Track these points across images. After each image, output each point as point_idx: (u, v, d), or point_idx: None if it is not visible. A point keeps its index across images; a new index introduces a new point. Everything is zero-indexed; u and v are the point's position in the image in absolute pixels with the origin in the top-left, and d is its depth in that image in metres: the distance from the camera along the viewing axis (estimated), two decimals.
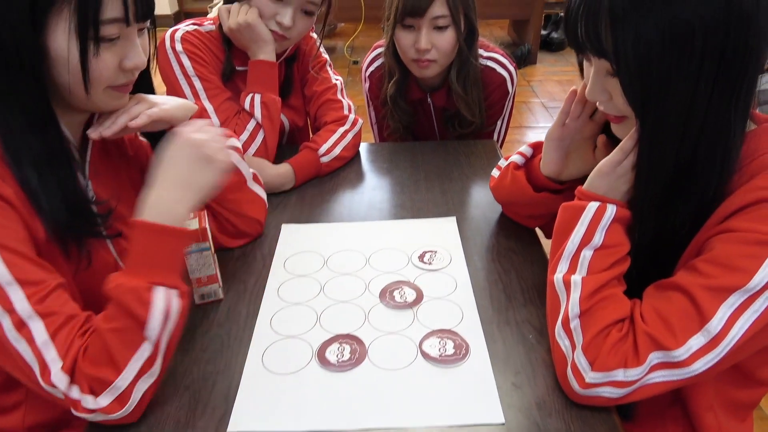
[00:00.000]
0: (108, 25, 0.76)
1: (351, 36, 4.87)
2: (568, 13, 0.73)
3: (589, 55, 0.74)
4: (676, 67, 0.67)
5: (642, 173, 0.75)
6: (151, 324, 0.73)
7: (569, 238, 0.80)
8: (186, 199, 0.81)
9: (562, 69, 4.37)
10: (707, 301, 0.68)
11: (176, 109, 0.95)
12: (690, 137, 0.70)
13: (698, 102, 0.68)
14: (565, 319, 0.76)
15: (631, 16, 0.66)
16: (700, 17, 0.64)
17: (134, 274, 0.75)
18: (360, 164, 1.47)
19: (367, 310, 0.96)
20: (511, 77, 1.55)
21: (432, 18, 1.39)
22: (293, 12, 1.28)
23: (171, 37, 1.30)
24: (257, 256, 1.11)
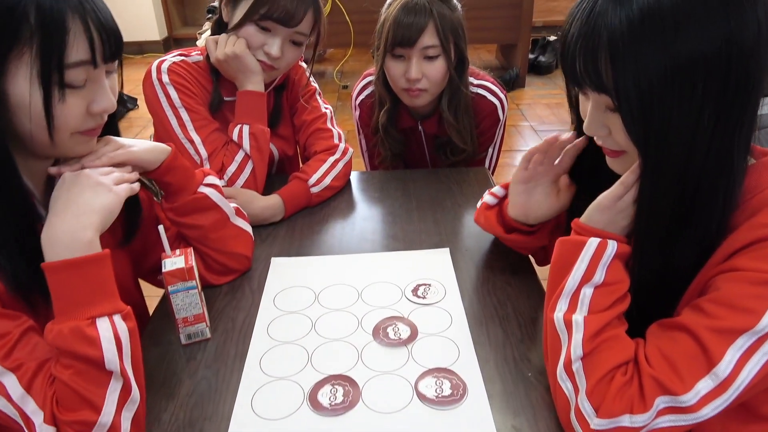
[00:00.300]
0: (74, 69, 0.72)
1: (340, 61, 4.90)
2: (564, 47, 0.72)
3: (588, 90, 0.72)
4: (678, 102, 0.65)
5: (643, 209, 0.73)
6: (107, 358, 0.71)
7: (569, 275, 0.77)
8: (86, 224, 0.75)
9: (551, 92, 4.40)
10: (714, 343, 0.66)
11: (145, 153, 0.91)
12: (693, 172, 0.68)
13: (701, 136, 0.66)
14: (567, 361, 0.74)
15: (631, 52, 0.65)
16: (702, 52, 0.63)
17: (67, 317, 0.71)
18: (351, 194, 1.45)
19: (360, 348, 0.92)
20: (501, 104, 1.54)
21: (422, 48, 1.38)
22: (281, 42, 1.27)
23: (157, 68, 1.28)
24: (246, 291, 1.08)
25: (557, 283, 0.79)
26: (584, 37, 0.68)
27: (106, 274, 0.75)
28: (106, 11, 0.75)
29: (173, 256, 0.90)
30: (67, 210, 0.75)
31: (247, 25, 1.25)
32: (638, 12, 0.64)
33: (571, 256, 0.78)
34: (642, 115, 0.67)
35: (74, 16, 0.71)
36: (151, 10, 5.37)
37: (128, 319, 0.75)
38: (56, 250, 0.72)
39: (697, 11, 0.63)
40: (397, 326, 0.97)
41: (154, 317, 1.02)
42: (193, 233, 1.04)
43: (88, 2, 0.72)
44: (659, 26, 0.64)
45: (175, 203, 1.01)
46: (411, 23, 1.36)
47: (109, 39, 0.75)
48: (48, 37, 0.69)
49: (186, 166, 1.00)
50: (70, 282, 0.72)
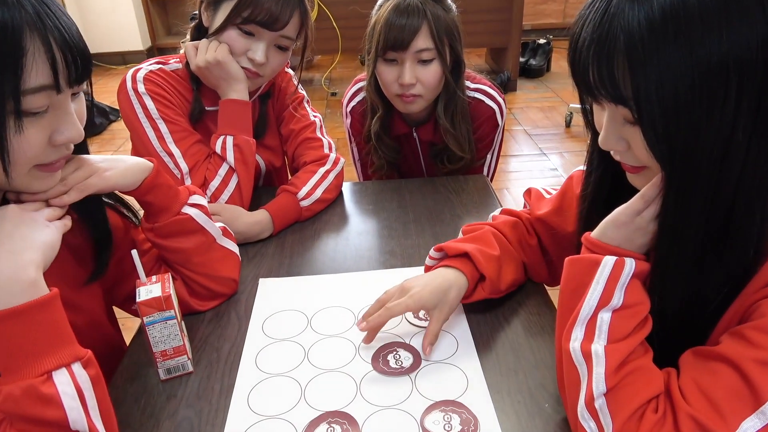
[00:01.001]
0: (32, 96, 0.62)
1: (328, 68, 4.82)
2: (574, 54, 0.63)
3: (603, 101, 0.64)
4: (707, 113, 0.57)
5: (667, 230, 0.65)
6: (72, 417, 0.61)
7: (584, 299, 0.69)
8: (27, 262, 0.64)
9: (542, 95, 4.35)
10: (761, 377, 0.58)
11: (122, 177, 0.82)
12: (725, 191, 0.60)
13: (734, 151, 0.58)
14: (589, 397, 0.65)
15: (652, 58, 0.57)
16: (735, 54, 0.55)
17: (17, 375, 0.61)
18: (343, 206, 1.37)
19: (359, 379, 0.84)
20: (500, 109, 1.46)
21: (416, 51, 1.30)
22: (266, 47, 1.18)
23: (132, 78, 1.18)
24: (232, 317, 0.99)
25: (570, 307, 0.71)
26: (598, 41, 0.60)
27: (58, 317, 0.64)
28: (70, 26, 0.65)
29: (149, 284, 0.82)
30: (1, 248, 0.64)
31: (229, 30, 1.16)
32: (660, 11, 0.56)
33: (584, 277, 0.70)
34: (666, 128, 0.59)
35: (32, 34, 0.61)
36: (134, 19, 5.27)
37: (89, 365, 0.65)
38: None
39: (728, 9, 0.55)
40: (399, 353, 0.89)
41: (131, 350, 0.93)
42: (176, 257, 0.95)
43: (49, 17, 0.62)
44: (684, 27, 0.56)
45: (156, 224, 0.92)
46: (404, 25, 1.28)
47: (75, 60, 0.65)
48: (1, 59, 0.59)
49: (169, 184, 0.91)
50: (17, 333, 0.61)
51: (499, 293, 0.97)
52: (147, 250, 0.97)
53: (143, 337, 0.91)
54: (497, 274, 0.95)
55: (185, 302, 0.97)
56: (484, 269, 0.93)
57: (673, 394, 0.63)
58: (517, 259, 1.00)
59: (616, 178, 0.74)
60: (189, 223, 0.94)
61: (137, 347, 0.93)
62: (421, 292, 0.89)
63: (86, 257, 0.84)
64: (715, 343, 0.65)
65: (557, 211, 0.98)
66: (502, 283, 0.96)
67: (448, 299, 0.90)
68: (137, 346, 0.93)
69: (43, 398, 0.60)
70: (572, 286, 0.72)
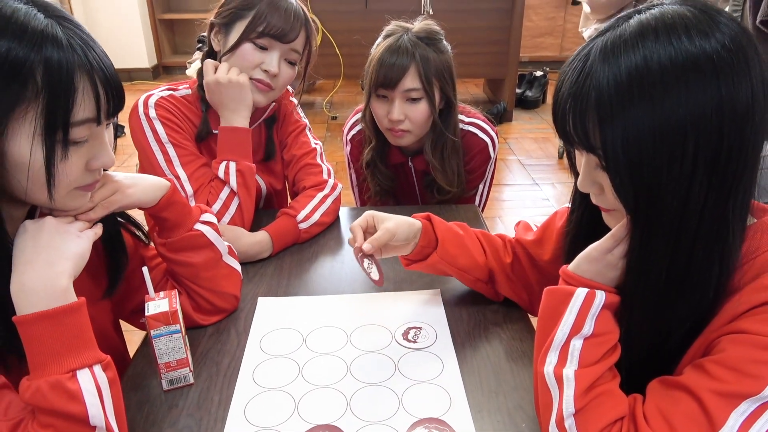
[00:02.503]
0: (78, 127, 0.70)
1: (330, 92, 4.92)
2: (556, 105, 0.71)
3: (578, 148, 0.71)
4: (667, 167, 0.63)
5: (633, 268, 0.72)
6: (91, 413, 0.67)
7: (557, 327, 0.75)
8: (60, 271, 0.71)
9: (538, 126, 4.45)
10: (717, 407, 0.63)
11: (143, 194, 0.89)
12: (686, 238, 0.66)
13: (693, 201, 0.64)
14: (559, 417, 0.71)
15: (619, 115, 0.63)
16: (692, 116, 0.62)
17: (45, 371, 0.67)
18: (340, 230, 1.43)
19: (349, 396, 0.89)
20: (492, 142, 1.54)
21: (404, 90, 1.38)
22: (279, 59, 1.27)
23: (144, 103, 1.26)
24: (231, 333, 1.05)
25: (546, 334, 0.77)
26: (574, 96, 0.67)
27: (84, 322, 0.72)
28: (110, 66, 0.73)
29: (157, 299, 0.87)
30: (38, 258, 0.71)
31: (244, 45, 1.25)
32: (626, 73, 0.63)
33: (559, 306, 0.76)
34: (630, 177, 0.66)
35: (82, 74, 0.69)
36: (141, 37, 5.38)
37: (108, 368, 0.72)
38: (30, 300, 0.68)
39: (686, 75, 0.62)
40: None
41: (135, 361, 0.98)
42: (185, 271, 1.01)
43: (95, 59, 0.70)
44: (647, 88, 0.62)
45: (169, 239, 0.99)
46: (393, 64, 1.36)
47: (114, 96, 0.73)
48: (55, 95, 0.67)
49: (184, 202, 0.99)
50: (47, 334, 0.68)
51: (455, 271, 1.07)
52: (154, 267, 1.03)
53: (148, 349, 0.96)
54: (453, 246, 1.05)
55: (189, 316, 1.02)
56: (438, 231, 1.05)
57: (637, 418, 0.69)
58: (479, 254, 1.08)
59: (594, 217, 0.81)
60: (200, 239, 1.00)
61: (141, 359, 0.98)
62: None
63: (100, 274, 0.90)
64: (679, 374, 0.70)
65: (538, 241, 1.06)
66: (457, 259, 1.05)
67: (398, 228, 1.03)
68: (141, 357, 0.99)
69: (68, 393, 0.66)
70: (548, 314, 0.78)
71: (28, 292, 0.69)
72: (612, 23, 0.69)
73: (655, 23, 0.64)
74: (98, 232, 0.81)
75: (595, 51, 0.66)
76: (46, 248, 0.72)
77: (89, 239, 0.78)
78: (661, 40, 0.63)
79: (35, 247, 0.72)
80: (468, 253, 1.07)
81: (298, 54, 1.30)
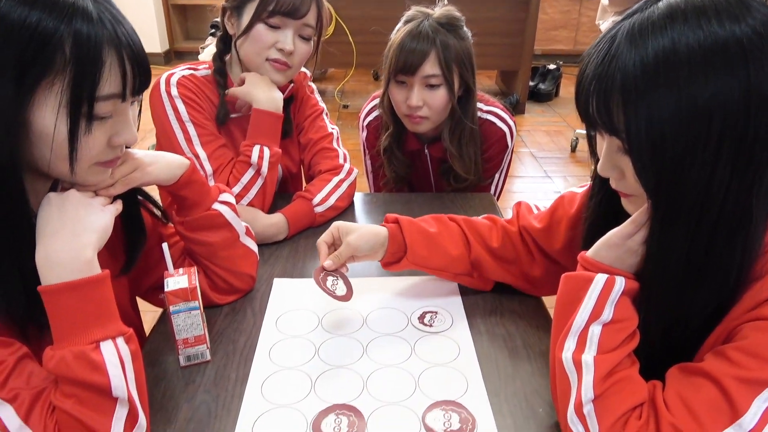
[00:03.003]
0: (103, 102, 0.69)
1: (342, 80, 4.91)
2: (579, 87, 0.70)
3: (600, 131, 0.70)
4: (691, 151, 0.62)
5: (653, 254, 0.71)
6: (114, 384, 0.67)
7: (576, 313, 0.75)
8: (86, 243, 0.71)
9: (550, 119, 4.43)
10: (740, 393, 0.63)
11: (162, 172, 0.89)
12: (706, 224, 0.65)
13: (715, 188, 0.63)
14: (578, 403, 0.71)
15: (644, 97, 0.63)
16: (718, 100, 0.61)
17: (69, 342, 0.68)
18: (354, 215, 1.43)
19: (366, 376, 0.89)
20: (510, 131, 1.53)
21: (423, 76, 1.37)
22: (293, 36, 1.26)
23: (166, 81, 1.26)
24: (248, 313, 1.05)
25: (564, 320, 0.77)
26: (599, 78, 0.66)
27: (108, 295, 0.72)
28: (138, 43, 0.73)
29: (176, 275, 0.87)
30: (63, 229, 0.71)
31: (257, 25, 1.24)
32: (653, 56, 0.62)
33: (578, 292, 0.76)
34: (653, 161, 0.65)
35: (110, 49, 0.68)
36: (153, 22, 5.39)
37: (131, 341, 0.72)
38: (56, 271, 0.68)
39: (714, 59, 0.61)
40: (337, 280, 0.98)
41: (152, 337, 0.99)
42: (202, 250, 1.02)
43: (124, 34, 0.70)
44: (673, 72, 0.61)
45: (188, 217, 0.99)
46: (414, 50, 1.35)
47: (141, 72, 0.73)
48: (82, 68, 0.66)
49: (202, 181, 0.98)
50: (72, 305, 0.68)
51: (430, 271, 1.07)
52: (172, 244, 1.03)
53: (165, 327, 0.97)
54: (423, 248, 1.04)
55: (205, 295, 1.03)
56: (407, 235, 1.04)
57: (657, 404, 0.68)
58: (457, 248, 1.06)
59: (614, 203, 0.80)
60: (218, 218, 1.00)
61: (157, 336, 0.99)
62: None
63: (118, 251, 0.90)
64: (700, 361, 0.70)
65: (546, 230, 1.04)
66: (429, 260, 1.05)
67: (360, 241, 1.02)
68: (157, 334, 0.99)
69: (92, 364, 0.66)
70: (567, 300, 0.77)
71: (54, 262, 0.69)
72: (640, 5, 0.68)
73: (684, 6, 0.63)
74: (119, 208, 0.81)
75: (622, 33, 0.65)
76: (71, 220, 0.72)
77: (112, 214, 0.78)
78: (690, 23, 0.62)
79: (61, 218, 0.72)
80: (442, 251, 1.05)
81: (311, 28, 1.28)
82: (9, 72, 0.64)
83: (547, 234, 1.04)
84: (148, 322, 1.06)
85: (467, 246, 1.07)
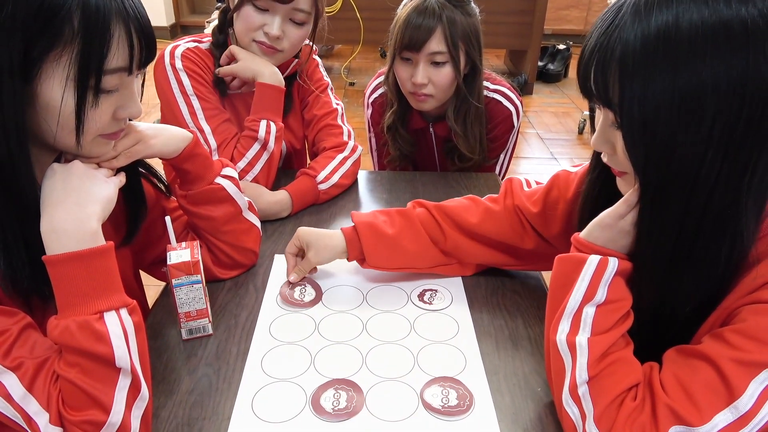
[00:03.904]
0: (111, 75, 0.69)
1: (348, 58, 4.87)
2: (581, 58, 0.69)
3: (596, 103, 0.70)
4: (684, 130, 0.62)
5: (643, 233, 0.71)
6: (117, 354, 0.68)
7: (570, 294, 0.75)
8: (90, 213, 0.71)
9: (558, 100, 4.39)
10: (737, 375, 0.63)
11: (164, 145, 0.89)
12: (695, 210, 0.65)
13: (705, 171, 0.63)
14: (573, 385, 0.71)
15: (641, 71, 0.62)
16: (715, 81, 0.60)
17: (73, 311, 0.68)
18: (358, 193, 1.43)
19: (365, 352, 0.90)
20: (517, 111, 1.52)
21: (429, 53, 1.35)
22: (281, 21, 1.22)
23: (171, 54, 1.25)
24: (249, 288, 1.06)
25: (558, 302, 0.77)
26: (599, 48, 0.65)
27: (112, 266, 0.72)
28: (145, 16, 0.72)
29: (179, 249, 0.88)
30: (68, 199, 0.71)
31: (245, 6, 1.21)
32: (655, 30, 0.61)
33: (571, 274, 0.76)
34: (643, 137, 0.64)
35: (118, 21, 0.68)
36: None
37: (134, 313, 0.72)
38: (62, 241, 0.69)
39: (715, 39, 0.59)
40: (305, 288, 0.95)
41: (154, 310, 1.00)
42: (205, 224, 1.02)
43: (132, 7, 0.69)
44: (673, 48, 0.60)
45: (190, 191, 0.99)
46: (419, 26, 1.33)
47: (148, 46, 0.72)
48: (90, 41, 0.66)
49: (206, 155, 0.98)
50: (76, 275, 0.69)
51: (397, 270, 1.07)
52: (175, 218, 1.03)
53: (167, 300, 0.98)
54: (383, 250, 1.04)
55: (208, 269, 1.03)
56: (363, 240, 1.04)
57: (654, 386, 0.69)
58: (422, 244, 1.05)
59: (611, 180, 0.79)
60: (220, 192, 1.00)
61: (160, 309, 1.00)
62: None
63: (120, 223, 0.90)
64: (697, 344, 0.70)
65: (541, 214, 1.02)
66: (391, 261, 1.05)
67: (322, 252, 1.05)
68: (160, 308, 1.00)
69: (96, 334, 0.67)
70: (560, 282, 0.77)
71: (59, 232, 0.69)
72: None
73: None
74: (122, 180, 0.81)
75: (629, 4, 0.64)
76: (76, 190, 0.72)
77: (116, 185, 0.78)
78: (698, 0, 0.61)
79: (65, 188, 0.72)
80: (403, 251, 1.04)
81: (304, 13, 1.23)
82: (17, 44, 0.63)
83: (542, 219, 1.02)
84: (152, 297, 1.07)
85: (442, 234, 1.06)
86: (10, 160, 0.67)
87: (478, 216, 1.06)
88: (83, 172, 0.74)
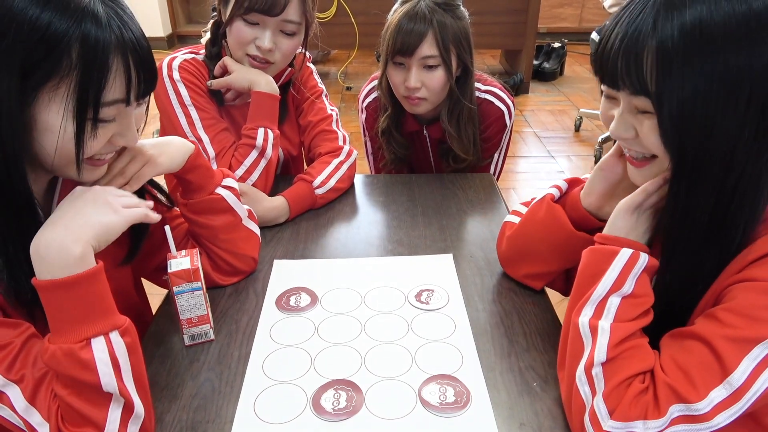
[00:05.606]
0: (108, 107, 0.70)
1: (345, 62, 4.89)
2: (603, 45, 0.72)
3: (624, 90, 0.72)
4: (721, 113, 0.65)
5: (676, 220, 0.73)
6: (104, 381, 0.68)
7: (598, 283, 0.77)
8: (77, 237, 0.69)
9: (554, 99, 4.40)
10: (729, 352, 0.66)
11: (171, 160, 0.91)
12: (729, 185, 0.68)
13: (740, 151, 0.67)
14: (589, 364, 0.74)
15: (682, 59, 0.65)
16: (750, 65, 0.64)
17: (60, 337, 0.67)
18: (355, 197, 1.45)
19: (364, 353, 0.92)
20: (509, 111, 1.54)
21: (421, 57, 1.38)
22: (272, 34, 1.25)
23: (168, 65, 1.27)
24: (250, 293, 1.08)
25: (584, 290, 0.79)
26: (630, 36, 0.68)
27: (100, 289, 0.70)
28: (146, 48, 0.73)
29: (179, 257, 0.90)
30: (60, 220, 0.70)
31: (235, 22, 1.23)
32: (691, 21, 0.65)
33: (601, 264, 0.78)
34: (681, 122, 0.67)
35: (117, 55, 0.68)
36: (156, 6, 5.37)
37: (126, 334, 0.71)
38: (45, 261, 0.67)
39: (748, 27, 0.64)
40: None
41: (157, 318, 1.02)
42: (204, 232, 1.04)
43: (132, 39, 0.70)
44: (710, 39, 0.64)
45: (191, 200, 1.01)
46: (411, 31, 1.35)
47: (146, 78, 0.73)
48: (88, 73, 0.67)
49: (207, 165, 1.00)
50: (60, 303, 0.68)
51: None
52: (176, 226, 1.05)
53: (170, 308, 1.00)
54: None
55: (208, 276, 1.05)
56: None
57: (655, 369, 0.72)
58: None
59: None
60: (220, 202, 1.03)
61: (162, 316, 1.02)
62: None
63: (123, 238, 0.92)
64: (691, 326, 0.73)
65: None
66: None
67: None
68: (162, 315, 1.02)
69: (81, 362, 0.67)
70: (589, 272, 0.79)
71: (44, 253, 0.68)
72: None
73: None
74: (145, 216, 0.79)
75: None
76: (71, 213, 0.72)
77: (125, 219, 0.76)
78: None
79: (63, 209, 0.72)
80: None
81: (294, 24, 1.25)
82: (15, 70, 0.64)
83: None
84: (155, 305, 1.09)
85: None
86: (8, 178, 0.68)
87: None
88: (93, 197, 0.74)
